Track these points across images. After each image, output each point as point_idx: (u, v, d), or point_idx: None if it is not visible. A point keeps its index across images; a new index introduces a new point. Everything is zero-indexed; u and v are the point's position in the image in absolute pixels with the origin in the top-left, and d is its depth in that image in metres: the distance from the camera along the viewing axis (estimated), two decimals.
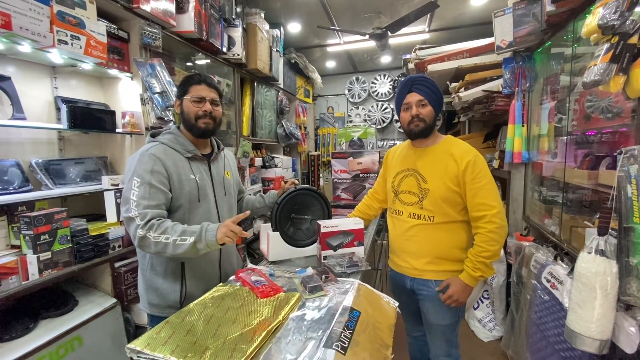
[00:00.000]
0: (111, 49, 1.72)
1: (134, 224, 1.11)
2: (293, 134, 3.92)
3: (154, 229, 1.10)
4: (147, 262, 1.26)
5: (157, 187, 1.16)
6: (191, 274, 1.27)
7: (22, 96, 1.52)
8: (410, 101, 1.39)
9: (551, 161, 1.97)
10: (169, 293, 1.25)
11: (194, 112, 1.26)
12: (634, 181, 1.03)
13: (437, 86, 1.40)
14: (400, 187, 1.48)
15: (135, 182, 1.13)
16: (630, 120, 1.27)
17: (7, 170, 1.45)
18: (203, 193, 1.28)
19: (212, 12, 2.31)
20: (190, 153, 1.27)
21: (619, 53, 1.04)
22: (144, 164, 1.16)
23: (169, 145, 1.24)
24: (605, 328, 1.07)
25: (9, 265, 1.29)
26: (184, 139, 1.28)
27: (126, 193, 1.14)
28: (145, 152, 1.19)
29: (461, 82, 2.76)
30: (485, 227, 1.30)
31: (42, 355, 1.32)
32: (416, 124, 1.38)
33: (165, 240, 1.09)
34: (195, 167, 1.29)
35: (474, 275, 1.31)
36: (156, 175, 1.16)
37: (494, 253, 1.30)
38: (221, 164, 1.42)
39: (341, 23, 3.45)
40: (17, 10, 1.22)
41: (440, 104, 1.43)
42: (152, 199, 1.14)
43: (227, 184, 1.42)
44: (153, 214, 1.12)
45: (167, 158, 1.21)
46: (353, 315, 0.95)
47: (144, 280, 1.28)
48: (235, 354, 0.77)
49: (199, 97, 1.26)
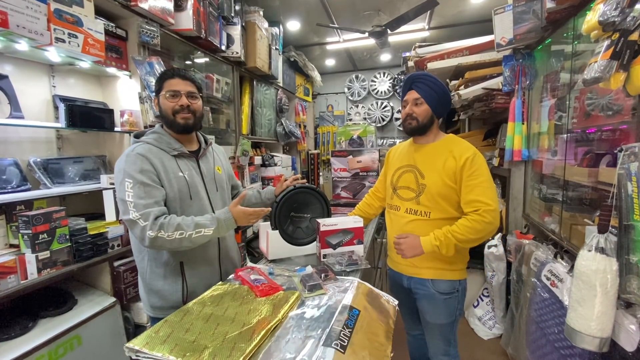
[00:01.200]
0: (109, 47, 1.71)
1: (137, 227, 1.09)
2: (292, 133, 3.92)
3: (165, 227, 1.10)
4: (146, 265, 1.25)
5: (151, 184, 1.14)
6: (191, 273, 1.27)
7: (19, 95, 1.51)
8: (408, 99, 1.41)
9: (551, 159, 1.96)
10: (171, 294, 1.24)
11: (171, 107, 1.23)
12: (634, 179, 1.02)
13: (440, 84, 1.38)
14: (398, 182, 1.48)
15: (128, 184, 1.11)
16: (631, 118, 1.27)
17: (5, 170, 1.44)
18: (194, 190, 1.26)
19: (210, 10, 2.30)
20: (176, 151, 1.25)
21: (619, 50, 1.03)
22: (131, 164, 1.14)
23: (153, 144, 1.22)
24: (605, 326, 1.07)
25: (8, 264, 1.29)
26: (168, 137, 1.26)
27: (120, 195, 1.13)
28: (130, 153, 1.17)
29: (461, 80, 2.75)
30: (473, 216, 1.27)
31: (41, 354, 1.32)
32: (409, 121, 1.41)
33: (179, 237, 1.11)
34: (183, 164, 1.26)
35: (432, 243, 1.29)
36: (146, 173, 1.14)
37: (467, 240, 1.27)
38: (210, 160, 1.39)
39: (341, 21, 3.44)
40: (14, 8, 1.22)
41: (445, 103, 1.41)
42: (149, 197, 1.13)
43: (219, 179, 1.39)
44: (156, 212, 1.11)
45: (153, 156, 1.19)
46: (352, 314, 0.95)
47: (145, 284, 1.27)
48: (234, 353, 0.77)
49: (173, 91, 1.22)
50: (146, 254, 1.24)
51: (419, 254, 1.33)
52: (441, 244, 1.28)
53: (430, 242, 1.30)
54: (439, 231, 1.30)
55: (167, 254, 1.23)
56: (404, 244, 1.34)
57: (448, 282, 1.40)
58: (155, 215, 1.11)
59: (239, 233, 2.76)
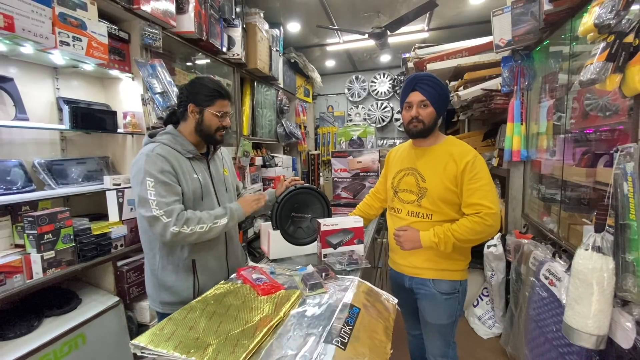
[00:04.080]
0: (112, 50, 1.73)
1: (159, 223, 1.14)
2: (293, 133, 3.93)
3: (188, 222, 1.17)
4: (158, 262, 1.28)
5: (171, 184, 1.20)
6: (202, 269, 1.31)
7: (24, 97, 1.53)
8: (412, 100, 1.37)
9: (550, 159, 1.98)
10: (183, 290, 1.28)
11: (216, 125, 1.30)
12: (629, 178, 1.04)
13: (443, 86, 1.38)
14: (399, 185, 1.49)
15: (150, 182, 1.15)
16: (627, 118, 1.28)
17: (10, 171, 1.46)
18: (206, 191, 1.32)
19: (211, 12, 2.32)
20: (191, 153, 1.30)
21: (614, 52, 1.05)
22: (153, 164, 1.18)
23: (169, 145, 1.26)
24: (602, 324, 1.08)
25: (14, 264, 1.31)
26: (182, 139, 1.30)
27: (142, 194, 1.16)
28: (151, 153, 1.20)
29: (460, 81, 2.77)
30: (474, 218, 1.27)
31: (46, 352, 1.34)
32: (415, 124, 1.38)
33: (200, 230, 1.19)
34: (196, 166, 1.31)
35: (431, 239, 1.31)
36: (166, 174, 1.19)
37: (466, 240, 1.28)
38: (219, 163, 1.45)
39: (340, 22, 3.46)
40: (19, 12, 1.24)
41: (445, 104, 1.41)
42: (171, 195, 1.18)
43: (227, 181, 1.45)
44: (178, 209, 1.17)
45: (172, 158, 1.23)
46: (353, 312, 0.96)
47: (155, 280, 1.30)
48: (237, 350, 0.79)
49: (224, 112, 1.31)
50: (158, 251, 1.27)
51: (417, 248, 1.36)
52: (440, 240, 1.30)
53: (429, 238, 1.32)
54: (440, 228, 1.32)
55: (180, 250, 1.27)
56: (403, 236, 1.37)
57: (449, 283, 1.41)
58: (178, 212, 1.16)
59: (240, 233, 2.78)
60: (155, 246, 1.27)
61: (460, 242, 1.29)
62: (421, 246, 1.34)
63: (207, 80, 1.32)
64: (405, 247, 1.38)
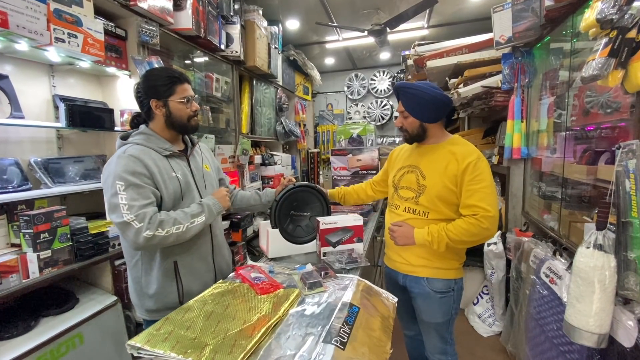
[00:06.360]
0: (109, 47, 1.71)
1: (131, 229, 1.06)
2: (292, 132, 3.92)
3: (163, 225, 1.09)
4: (141, 269, 1.23)
5: (144, 186, 1.12)
6: (185, 271, 1.26)
7: (20, 95, 1.51)
8: (398, 110, 1.44)
9: (550, 157, 1.97)
10: (166, 295, 1.23)
11: (187, 113, 1.25)
12: (632, 176, 1.03)
13: (424, 91, 1.32)
14: (400, 182, 1.48)
15: (120, 186, 1.08)
16: (629, 115, 1.27)
17: (6, 169, 1.45)
18: (186, 189, 1.26)
19: (209, 9, 2.30)
20: (168, 151, 1.23)
21: (617, 47, 1.03)
22: (124, 166, 1.11)
23: (144, 144, 1.20)
24: (603, 322, 1.07)
25: (9, 263, 1.30)
26: (157, 137, 1.24)
27: (112, 199, 1.09)
28: (122, 155, 1.14)
29: (460, 78, 2.75)
30: (470, 219, 1.26)
31: (43, 352, 1.33)
32: (403, 133, 1.47)
33: (176, 231, 1.13)
34: (175, 164, 1.25)
35: (424, 237, 1.32)
36: (139, 176, 1.12)
37: (459, 241, 1.28)
38: (198, 159, 1.38)
39: (340, 19, 3.44)
40: (13, 8, 1.22)
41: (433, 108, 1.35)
42: (144, 198, 1.11)
43: (208, 177, 1.39)
44: (151, 213, 1.10)
45: (147, 158, 1.16)
46: (352, 311, 0.95)
47: (139, 289, 1.24)
48: (234, 350, 0.78)
49: (188, 97, 1.24)
50: (139, 259, 1.22)
51: (410, 244, 1.37)
52: (433, 239, 1.30)
53: (422, 235, 1.32)
54: (434, 227, 1.32)
55: (160, 254, 1.21)
56: (398, 231, 1.38)
57: (443, 281, 1.40)
58: (150, 215, 1.09)
59: (239, 232, 2.77)
60: (136, 254, 1.22)
61: (453, 242, 1.28)
62: (414, 243, 1.35)
63: (158, 69, 1.26)
64: (399, 243, 1.39)
